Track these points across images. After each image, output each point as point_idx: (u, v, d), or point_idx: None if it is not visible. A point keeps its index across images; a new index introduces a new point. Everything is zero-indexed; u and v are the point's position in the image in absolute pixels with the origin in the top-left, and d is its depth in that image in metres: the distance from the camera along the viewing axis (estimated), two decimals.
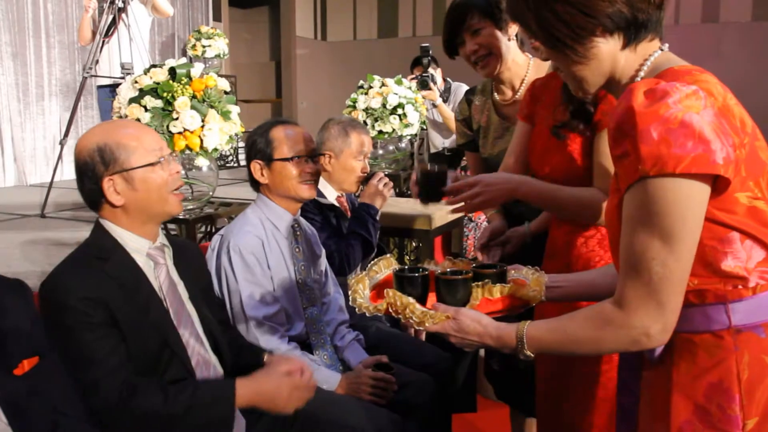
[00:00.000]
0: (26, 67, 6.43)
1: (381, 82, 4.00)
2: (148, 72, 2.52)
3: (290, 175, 2.03)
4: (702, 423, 1.04)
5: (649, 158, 0.95)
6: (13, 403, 1.21)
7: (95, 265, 1.52)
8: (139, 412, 1.43)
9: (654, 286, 1.00)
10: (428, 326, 1.23)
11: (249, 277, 1.95)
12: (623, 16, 1.05)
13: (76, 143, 1.68)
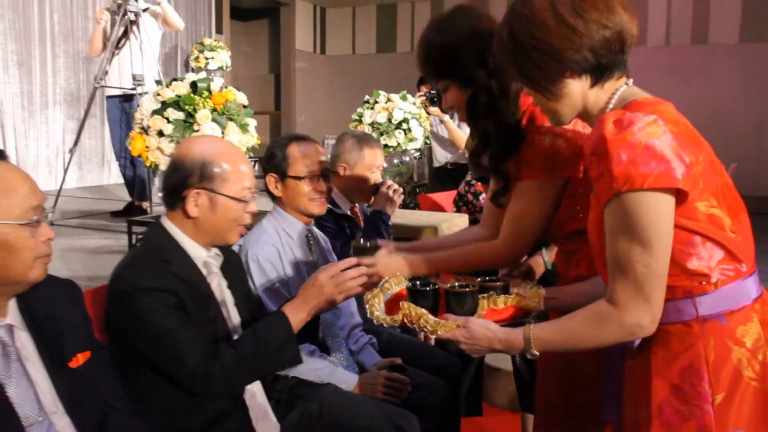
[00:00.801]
0: (31, 75, 6.52)
1: (386, 97, 4.12)
2: (170, 85, 2.62)
3: (302, 192, 2.12)
4: (678, 400, 1.21)
5: (620, 177, 1.13)
6: (69, 392, 1.31)
7: (161, 265, 1.60)
8: (225, 366, 1.54)
9: (640, 285, 1.17)
10: (440, 334, 1.35)
11: (266, 284, 2.03)
12: (588, 62, 1.23)
13: (184, 143, 1.78)
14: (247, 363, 1.57)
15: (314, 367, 2.02)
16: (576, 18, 1.21)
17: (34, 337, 1.30)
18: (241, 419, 1.66)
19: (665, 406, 1.22)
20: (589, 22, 1.21)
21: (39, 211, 1.27)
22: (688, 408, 1.20)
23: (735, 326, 1.20)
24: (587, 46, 1.22)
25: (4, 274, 1.23)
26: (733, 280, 1.21)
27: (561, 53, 1.23)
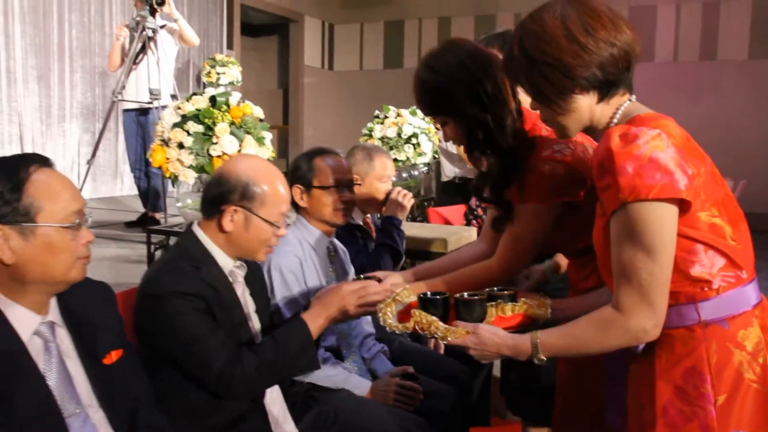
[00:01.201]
0: (49, 90, 6.66)
1: (396, 112, 4.22)
2: (191, 99, 2.72)
3: (327, 202, 2.21)
4: (681, 401, 1.26)
5: (626, 188, 1.19)
6: (103, 388, 1.39)
7: (191, 271, 1.69)
8: (246, 372, 1.62)
9: (644, 291, 1.22)
10: (450, 340, 1.41)
11: (287, 294, 2.11)
12: (597, 78, 1.30)
13: (233, 159, 1.88)
14: (267, 368, 1.65)
15: (329, 373, 2.09)
16: (586, 36, 1.27)
17: (71, 334, 1.38)
18: (260, 421, 1.74)
19: (669, 407, 1.27)
20: (598, 40, 1.27)
21: (80, 215, 1.35)
22: (691, 409, 1.25)
23: (736, 330, 1.26)
24: (596, 63, 1.28)
25: (47, 273, 1.31)
26: (734, 287, 1.27)
27: (571, 69, 1.29)
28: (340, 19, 10.99)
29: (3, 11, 6.17)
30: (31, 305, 1.32)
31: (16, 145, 6.36)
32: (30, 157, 1.36)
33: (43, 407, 1.26)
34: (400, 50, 10.68)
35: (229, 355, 1.62)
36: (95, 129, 7.09)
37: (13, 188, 1.28)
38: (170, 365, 1.65)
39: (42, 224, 1.29)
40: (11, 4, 6.23)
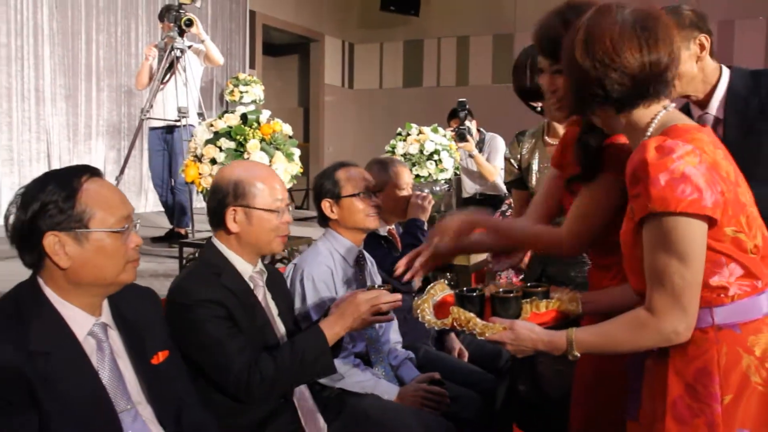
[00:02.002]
0: (77, 108, 6.82)
1: (418, 129, 4.30)
2: (223, 117, 2.82)
3: (357, 209, 2.30)
4: (690, 398, 1.33)
5: (657, 199, 1.25)
6: (151, 386, 1.47)
7: (212, 278, 1.79)
8: (264, 376, 1.71)
9: (677, 295, 1.28)
10: (488, 336, 1.45)
11: (319, 302, 2.19)
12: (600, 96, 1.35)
13: (219, 171, 1.97)
14: (284, 373, 1.73)
15: (358, 379, 2.17)
16: (585, 58, 1.33)
17: (122, 335, 1.47)
18: (291, 419, 1.82)
19: (678, 401, 1.34)
20: (594, 63, 1.32)
21: (129, 221, 1.44)
22: (699, 405, 1.32)
23: (746, 336, 1.32)
24: (596, 83, 1.34)
25: (100, 275, 1.40)
26: (749, 295, 1.32)
27: (579, 85, 1.36)
28: (359, 38, 11.15)
29: (33, 33, 6.36)
30: (85, 307, 1.41)
31: (44, 162, 6.52)
32: (81, 168, 1.45)
33: (97, 402, 1.35)
34: (419, 69, 10.79)
35: (246, 360, 1.71)
36: (120, 146, 7.25)
37: (67, 197, 1.37)
38: (196, 369, 1.73)
39: (95, 230, 1.38)
40: (41, 25, 6.42)
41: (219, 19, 8.51)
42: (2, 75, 6.12)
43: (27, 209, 1.35)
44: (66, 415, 1.28)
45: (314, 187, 2.40)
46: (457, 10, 10.17)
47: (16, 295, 1.39)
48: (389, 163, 2.83)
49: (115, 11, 7.19)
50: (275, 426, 1.78)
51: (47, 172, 1.44)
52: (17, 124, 6.27)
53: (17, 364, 1.24)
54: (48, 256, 1.36)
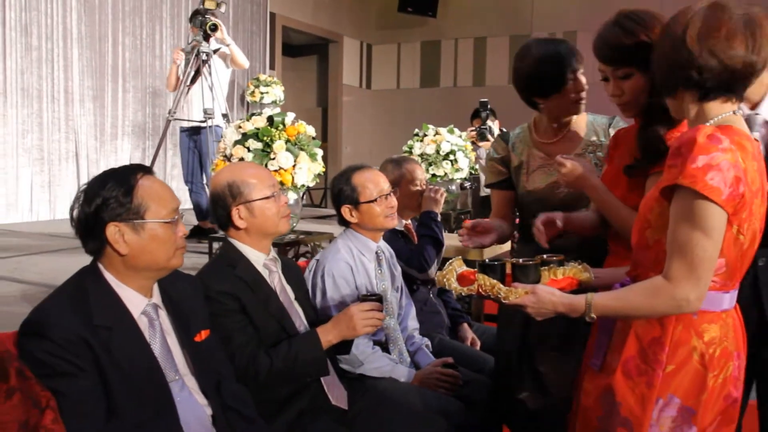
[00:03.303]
0: (104, 108, 7.06)
1: (435, 130, 4.47)
2: (250, 119, 3.00)
3: (376, 212, 2.44)
4: (641, 359, 1.53)
5: (688, 175, 1.37)
6: (194, 360, 1.66)
7: (227, 270, 1.98)
8: (258, 372, 1.88)
9: (695, 265, 1.39)
10: (512, 300, 1.57)
11: (338, 297, 2.34)
12: (694, 79, 1.46)
13: (212, 179, 2.15)
14: (277, 373, 1.90)
15: (377, 365, 2.33)
16: (696, 42, 1.43)
17: (170, 315, 1.66)
18: (317, 389, 2.01)
19: (630, 360, 1.54)
20: (704, 48, 1.42)
21: (177, 212, 1.63)
22: (645, 367, 1.52)
23: (701, 323, 1.49)
24: (696, 67, 1.43)
25: (154, 261, 1.59)
26: (716, 290, 1.48)
27: (675, 66, 1.47)
28: (377, 39, 11.30)
29: (63, 36, 6.60)
30: (139, 289, 1.60)
31: (72, 161, 6.76)
32: (136, 166, 1.64)
33: (151, 372, 1.53)
34: (436, 70, 10.92)
35: (248, 354, 1.88)
36: (145, 146, 7.48)
37: (126, 192, 1.56)
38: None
39: (149, 220, 1.56)
40: (70, 29, 6.66)
41: (240, 21, 8.73)
42: (33, 77, 6.36)
43: (91, 203, 1.54)
44: (125, 382, 1.47)
45: (332, 192, 2.54)
46: (474, 12, 10.29)
47: (79, 278, 1.58)
48: (402, 161, 3.00)
49: (140, 14, 7.42)
50: (304, 400, 1.96)
51: (106, 170, 1.63)
52: (47, 125, 6.52)
53: (85, 335, 1.43)
54: (109, 244, 1.54)
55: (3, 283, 3.42)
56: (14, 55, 6.19)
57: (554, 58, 2.13)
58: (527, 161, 2.33)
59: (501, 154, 2.40)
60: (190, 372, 1.64)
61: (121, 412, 1.45)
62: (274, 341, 1.95)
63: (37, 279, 3.68)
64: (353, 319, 1.96)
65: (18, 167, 6.22)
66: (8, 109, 6.15)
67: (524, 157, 2.34)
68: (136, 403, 1.47)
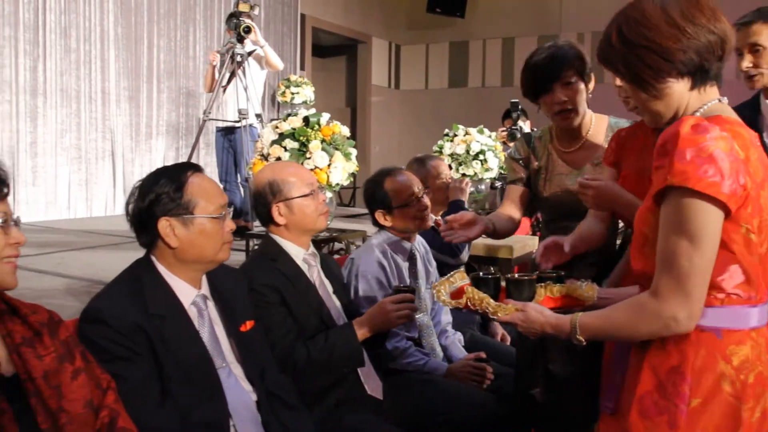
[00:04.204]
0: (139, 109, 7.21)
1: (465, 130, 4.52)
2: (287, 119, 3.09)
3: (411, 215, 2.51)
4: (659, 394, 1.30)
5: (678, 173, 1.21)
6: (240, 349, 1.74)
7: (269, 264, 2.06)
8: (297, 362, 1.96)
9: (682, 279, 1.22)
10: (500, 316, 1.50)
11: (372, 296, 2.40)
12: (693, 63, 1.32)
13: (254, 177, 2.24)
14: (314, 365, 1.98)
15: (410, 360, 2.40)
16: (685, 21, 1.30)
17: (217, 305, 1.75)
18: (354, 380, 2.09)
19: (647, 397, 1.31)
20: (697, 25, 1.30)
21: (224, 208, 1.72)
22: (665, 403, 1.28)
23: (727, 344, 1.27)
24: (694, 48, 1.30)
25: (202, 254, 1.68)
26: (740, 303, 1.28)
27: (670, 53, 1.31)
28: (406, 40, 11.37)
29: (100, 38, 6.77)
30: (189, 280, 1.69)
31: (108, 161, 6.93)
32: (186, 164, 1.73)
33: (200, 359, 1.62)
34: (464, 70, 10.95)
35: (288, 345, 1.96)
36: (179, 145, 7.63)
37: (177, 189, 1.65)
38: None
39: (198, 216, 1.65)
40: (107, 31, 6.83)
41: (272, 23, 8.85)
42: (72, 78, 6.54)
43: (144, 198, 1.64)
44: (177, 368, 1.56)
45: (366, 197, 2.60)
46: (502, 12, 10.29)
47: (135, 269, 1.67)
48: (426, 158, 3.12)
49: (174, 17, 7.57)
50: (341, 390, 2.04)
51: (159, 168, 1.72)
52: (85, 125, 6.68)
53: (141, 323, 1.53)
54: (161, 237, 1.64)
55: (48, 277, 3.55)
56: (54, 57, 6.36)
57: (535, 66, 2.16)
58: (547, 166, 2.33)
59: (522, 155, 2.40)
60: (236, 360, 1.73)
61: (174, 396, 1.54)
62: (313, 333, 2.03)
63: (79, 273, 3.81)
64: (386, 311, 2.03)
65: (57, 166, 6.39)
66: (48, 110, 6.33)
67: (544, 162, 2.34)
68: (187, 388, 1.56)
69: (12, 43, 6.02)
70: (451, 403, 2.19)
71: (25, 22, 6.11)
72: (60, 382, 1.31)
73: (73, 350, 1.39)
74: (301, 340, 2.00)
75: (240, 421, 1.63)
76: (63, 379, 1.32)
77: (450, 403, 2.19)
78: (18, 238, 1.31)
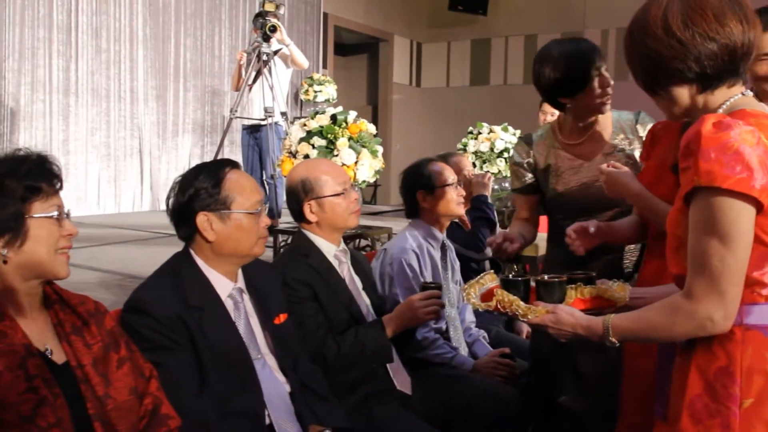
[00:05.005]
0: (166, 107, 7.33)
1: (489, 128, 4.55)
2: (314, 117, 3.15)
3: (451, 198, 2.57)
4: (709, 397, 1.26)
5: (704, 173, 1.18)
6: (274, 341, 1.80)
7: (301, 260, 2.11)
8: (326, 357, 2.00)
9: (715, 279, 1.20)
10: (530, 318, 1.47)
11: (406, 283, 2.46)
12: (694, 71, 1.29)
13: (288, 174, 2.29)
14: (344, 359, 2.02)
15: (438, 352, 2.45)
16: (684, 29, 1.27)
17: (252, 299, 1.80)
18: (383, 373, 2.14)
19: (697, 400, 1.27)
20: (695, 34, 1.27)
21: (260, 204, 1.77)
22: (716, 406, 1.25)
23: None
24: (692, 57, 1.28)
25: (239, 248, 1.73)
26: None
27: (666, 62, 1.30)
28: (428, 38, 11.38)
29: (129, 39, 6.90)
30: (226, 273, 1.74)
31: (136, 158, 7.05)
32: (224, 161, 1.79)
33: (237, 350, 1.68)
34: (486, 68, 10.93)
35: (320, 338, 2.01)
36: (204, 143, 7.74)
37: (215, 185, 1.70)
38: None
39: (235, 211, 1.71)
40: (136, 32, 6.95)
41: (295, 22, 8.92)
42: (102, 78, 6.67)
43: (184, 193, 1.70)
44: (214, 358, 1.61)
45: (406, 180, 2.66)
46: (525, 9, 10.25)
47: (174, 262, 1.74)
48: (447, 155, 3.18)
49: (201, 16, 7.68)
50: (370, 384, 2.09)
51: (198, 164, 1.78)
52: (114, 123, 6.82)
53: (181, 314, 1.59)
54: (199, 231, 1.70)
55: (81, 270, 3.64)
56: (85, 57, 6.50)
57: (578, 55, 2.14)
58: (555, 163, 2.32)
59: (524, 158, 2.38)
60: (270, 352, 1.78)
61: (212, 386, 1.60)
62: (343, 328, 2.08)
63: (111, 267, 3.91)
64: (414, 308, 2.07)
65: (87, 163, 6.53)
66: (79, 109, 6.46)
67: (551, 159, 2.32)
68: (224, 378, 1.62)
69: (46, 45, 6.17)
70: (478, 399, 2.23)
71: (59, 24, 6.25)
72: (107, 370, 1.38)
73: (119, 340, 1.45)
74: (332, 335, 2.05)
75: (275, 411, 1.68)
76: (110, 367, 1.38)
77: (477, 399, 2.23)
78: (71, 230, 1.37)
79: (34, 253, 1.31)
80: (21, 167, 1.32)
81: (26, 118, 6.06)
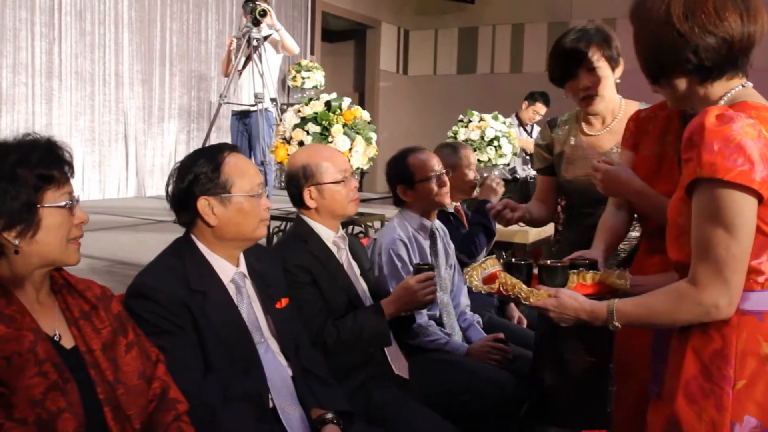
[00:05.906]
0: (152, 92, 7.26)
1: (479, 117, 4.57)
2: (309, 104, 3.14)
3: (432, 191, 2.59)
4: (704, 378, 1.31)
5: (706, 164, 1.22)
6: (276, 325, 1.80)
7: (300, 245, 2.12)
8: (326, 342, 2.02)
9: (720, 267, 1.23)
10: (533, 302, 1.49)
11: (395, 273, 2.47)
12: (692, 63, 1.32)
13: (288, 159, 2.29)
14: (343, 344, 2.03)
15: (432, 338, 2.47)
16: (684, 22, 1.29)
17: (254, 283, 1.80)
18: (382, 358, 2.15)
19: (692, 381, 1.32)
20: (694, 26, 1.29)
21: (261, 187, 1.77)
22: (710, 386, 1.29)
23: None
24: (691, 49, 1.30)
25: (240, 232, 1.73)
26: None
27: (666, 52, 1.33)
28: (415, 25, 11.35)
29: (114, 22, 6.81)
30: (228, 258, 1.75)
31: (122, 143, 6.98)
32: (223, 145, 1.79)
33: (240, 334, 1.68)
34: (473, 56, 10.93)
35: (319, 324, 2.02)
36: (190, 128, 7.68)
37: (214, 169, 1.70)
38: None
39: (236, 194, 1.71)
40: (122, 14, 6.87)
41: (283, 7, 8.85)
42: (87, 61, 6.58)
43: (184, 179, 1.69)
44: (218, 342, 1.62)
45: (388, 173, 2.68)
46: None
47: (176, 247, 1.73)
48: (458, 146, 3.16)
49: (187, 1, 7.59)
50: (369, 369, 2.11)
51: (197, 149, 1.78)
52: (98, 107, 6.74)
53: (184, 298, 1.59)
54: (200, 216, 1.69)
55: None
56: (69, 39, 6.41)
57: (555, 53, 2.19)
58: (569, 150, 2.33)
59: (546, 141, 2.42)
60: (273, 336, 1.79)
61: (216, 370, 1.60)
62: (341, 313, 2.09)
63: (100, 254, 3.89)
64: (413, 291, 2.08)
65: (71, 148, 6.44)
66: (63, 92, 6.38)
67: (567, 145, 2.34)
68: (228, 362, 1.63)
69: (28, 26, 6.07)
70: (473, 383, 2.25)
71: (41, 5, 6.15)
72: (115, 354, 1.38)
73: (126, 324, 1.45)
74: (331, 320, 2.06)
75: (277, 395, 1.69)
76: (118, 352, 1.38)
77: (473, 383, 2.25)
78: (82, 218, 1.37)
79: (46, 244, 1.31)
80: (32, 155, 1.30)
81: (8, 102, 5.97)
